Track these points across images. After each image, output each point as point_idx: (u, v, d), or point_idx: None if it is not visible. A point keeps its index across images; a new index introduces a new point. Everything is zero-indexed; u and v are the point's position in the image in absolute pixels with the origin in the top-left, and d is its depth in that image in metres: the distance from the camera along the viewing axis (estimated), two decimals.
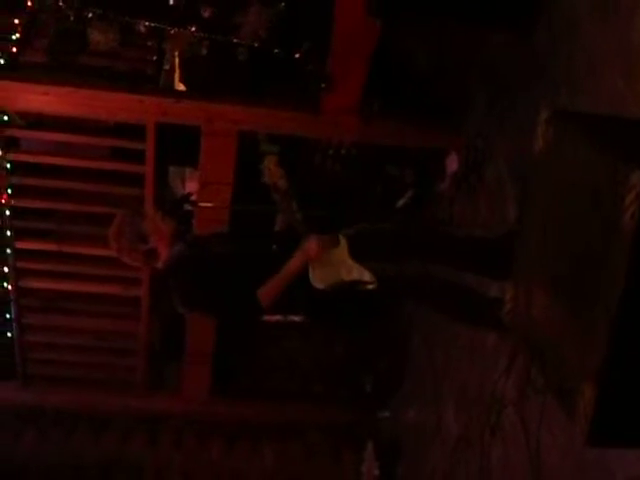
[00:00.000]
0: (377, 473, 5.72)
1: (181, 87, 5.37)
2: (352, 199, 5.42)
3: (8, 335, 5.82)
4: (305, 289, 3.59)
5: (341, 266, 3.60)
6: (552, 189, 2.40)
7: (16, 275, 5.53)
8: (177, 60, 5.36)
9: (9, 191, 5.15)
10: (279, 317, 4.72)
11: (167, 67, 5.49)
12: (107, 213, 4.46)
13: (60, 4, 4.82)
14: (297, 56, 4.76)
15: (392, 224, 3.90)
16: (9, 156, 5.06)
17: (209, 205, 4.95)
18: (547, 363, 2.39)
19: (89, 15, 4.80)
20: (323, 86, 4.71)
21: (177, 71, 5.39)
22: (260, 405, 6.22)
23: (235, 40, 4.85)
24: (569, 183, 2.30)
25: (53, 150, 5.39)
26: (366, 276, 3.60)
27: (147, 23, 4.86)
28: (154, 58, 5.59)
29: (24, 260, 5.51)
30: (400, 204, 5.51)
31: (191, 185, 5.43)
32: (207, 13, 4.84)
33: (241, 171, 5.08)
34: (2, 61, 4.84)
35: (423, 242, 3.77)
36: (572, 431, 3.18)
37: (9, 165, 5.08)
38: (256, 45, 4.85)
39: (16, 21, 5.04)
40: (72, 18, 4.86)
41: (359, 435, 6.08)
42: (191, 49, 5.09)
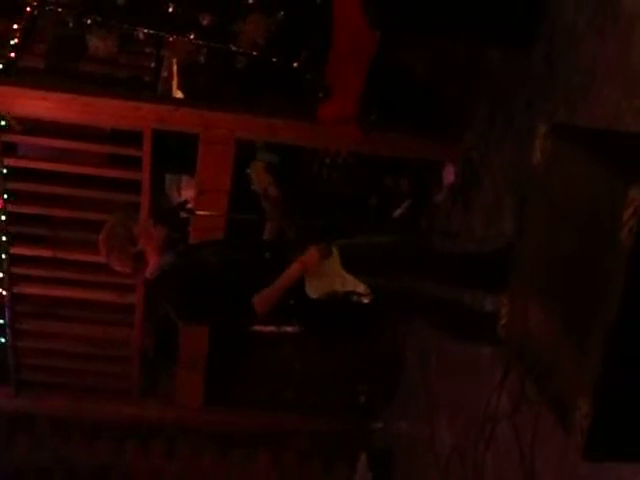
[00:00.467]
0: None
1: (179, 94, 5.37)
2: (348, 209, 5.42)
3: (2, 341, 5.79)
4: (300, 299, 3.59)
5: (336, 277, 3.60)
6: (549, 203, 2.40)
7: (11, 281, 5.50)
8: (175, 67, 5.37)
9: (5, 196, 5.14)
10: (272, 328, 4.71)
11: (165, 74, 5.50)
12: (103, 220, 4.44)
13: (59, 10, 4.82)
14: (295, 65, 4.76)
15: (387, 238, 3.88)
16: (5, 161, 5.05)
17: (206, 213, 4.95)
18: (542, 377, 2.38)
19: (88, 21, 4.79)
20: (321, 95, 4.71)
21: (175, 78, 5.40)
22: (254, 414, 6.19)
23: (233, 48, 4.84)
24: (567, 197, 2.29)
25: (49, 156, 5.38)
26: (360, 288, 3.60)
27: (146, 30, 4.86)
28: (152, 65, 5.60)
29: (19, 266, 5.49)
30: (396, 214, 5.52)
31: (187, 193, 5.42)
32: (206, 21, 4.83)
33: (235, 179, 5.07)
34: (0, 66, 4.83)
35: (417, 257, 3.77)
36: (566, 445, 3.18)
37: (5, 170, 5.07)
38: (254, 53, 4.85)
39: (15, 26, 5.03)
40: (71, 24, 4.85)
41: (352, 446, 6.07)
42: (189, 57, 5.09)
